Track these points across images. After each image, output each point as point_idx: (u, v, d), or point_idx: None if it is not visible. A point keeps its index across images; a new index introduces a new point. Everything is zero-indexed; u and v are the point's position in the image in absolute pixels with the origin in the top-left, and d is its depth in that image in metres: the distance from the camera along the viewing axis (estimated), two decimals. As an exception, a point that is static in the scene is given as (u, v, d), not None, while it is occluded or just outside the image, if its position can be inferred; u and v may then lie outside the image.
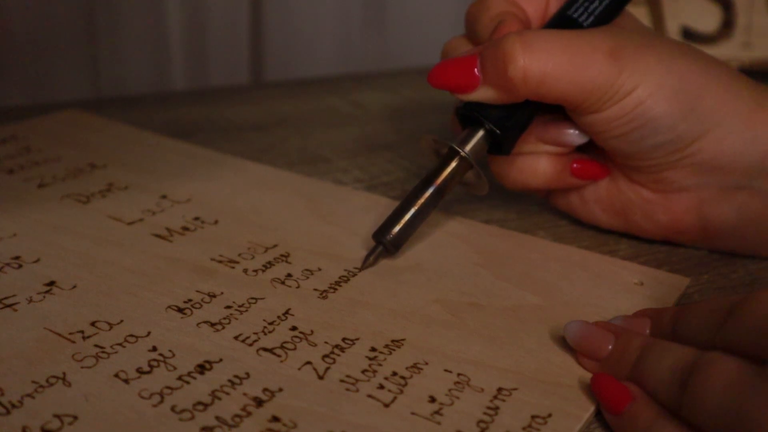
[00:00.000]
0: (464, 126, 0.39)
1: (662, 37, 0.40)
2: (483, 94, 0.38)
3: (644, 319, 0.32)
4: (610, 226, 0.42)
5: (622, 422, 0.28)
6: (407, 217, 0.37)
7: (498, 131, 0.38)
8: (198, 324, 0.33)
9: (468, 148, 0.38)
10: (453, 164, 0.38)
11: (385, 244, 0.37)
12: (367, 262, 0.37)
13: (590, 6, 0.40)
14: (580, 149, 0.41)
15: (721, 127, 0.37)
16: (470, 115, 0.39)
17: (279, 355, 0.31)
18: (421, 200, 0.38)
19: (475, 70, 0.37)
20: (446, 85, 0.38)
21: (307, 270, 0.37)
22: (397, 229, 0.37)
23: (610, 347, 0.31)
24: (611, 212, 0.42)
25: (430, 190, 0.38)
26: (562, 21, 0.40)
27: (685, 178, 0.39)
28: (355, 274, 0.37)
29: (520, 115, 0.39)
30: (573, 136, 0.40)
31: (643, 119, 0.37)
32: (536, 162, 0.41)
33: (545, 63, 0.36)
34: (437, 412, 0.29)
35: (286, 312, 0.34)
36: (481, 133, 0.39)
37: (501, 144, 0.39)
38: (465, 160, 0.38)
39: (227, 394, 0.29)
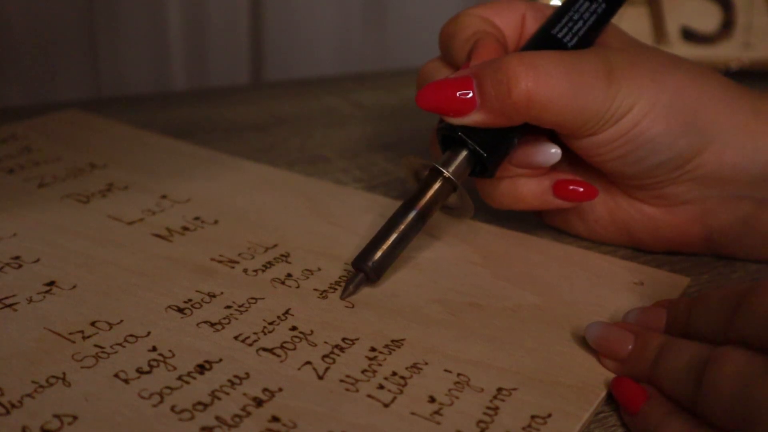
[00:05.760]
0: (445, 147, 0.38)
1: (651, 50, 0.39)
2: (478, 117, 0.36)
3: (660, 311, 0.32)
4: (612, 242, 0.41)
5: (637, 421, 0.29)
6: (389, 243, 0.35)
7: (484, 153, 0.36)
8: (198, 324, 0.33)
9: (452, 169, 0.36)
10: (436, 186, 0.36)
11: (367, 271, 0.35)
12: (348, 291, 0.35)
13: (574, 27, 0.38)
14: (576, 169, 0.40)
15: (720, 140, 0.37)
16: (453, 136, 0.37)
17: (279, 355, 0.31)
18: (403, 225, 0.36)
19: (471, 93, 0.35)
20: (439, 108, 0.36)
21: (307, 270, 0.37)
22: (378, 255, 0.35)
23: (630, 347, 0.31)
24: (614, 230, 0.41)
25: (412, 214, 0.36)
26: (545, 41, 0.38)
27: (688, 192, 0.38)
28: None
29: (506, 137, 0.37)
30: (544, 155, 0.38)
31: (640, 140, 0.36)
32: (516, 185, 0.39)
33: (550, 87, 0.35)
34: (437, 412, 0.29)
35: (286, 312, 0.34)
36: (464, 154, 0.37)
37: (486, 166, 0.37)
38: (448, 182, 0.36)
39: (227, 394, 0.29)
